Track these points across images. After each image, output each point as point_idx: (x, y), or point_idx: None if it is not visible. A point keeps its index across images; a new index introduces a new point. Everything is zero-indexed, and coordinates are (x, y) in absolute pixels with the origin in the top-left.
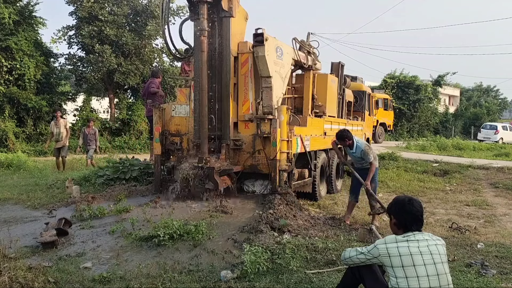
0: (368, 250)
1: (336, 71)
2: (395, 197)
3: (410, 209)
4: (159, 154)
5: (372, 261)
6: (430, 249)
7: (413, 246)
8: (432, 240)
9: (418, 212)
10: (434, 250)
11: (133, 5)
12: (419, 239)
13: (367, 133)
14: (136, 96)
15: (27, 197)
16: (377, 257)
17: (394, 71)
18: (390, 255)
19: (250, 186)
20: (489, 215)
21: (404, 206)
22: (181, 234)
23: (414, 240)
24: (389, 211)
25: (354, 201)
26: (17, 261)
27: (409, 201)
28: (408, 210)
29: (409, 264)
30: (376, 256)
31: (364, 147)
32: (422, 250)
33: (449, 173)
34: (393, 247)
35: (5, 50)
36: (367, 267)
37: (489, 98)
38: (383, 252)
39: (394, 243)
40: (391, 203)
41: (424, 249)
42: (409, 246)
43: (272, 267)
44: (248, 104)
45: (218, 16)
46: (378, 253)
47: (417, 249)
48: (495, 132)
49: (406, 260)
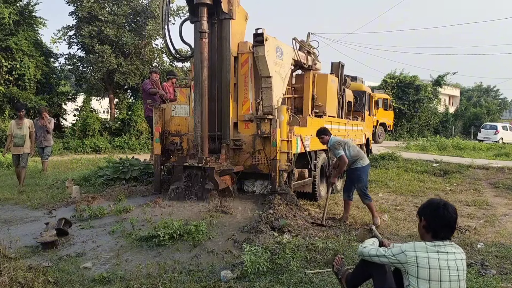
0: (393, 254)
1: (336, 71)
2: (429, 199)
3: (444, 214)
4: (159, 154)
5: (395, 265)
6: (457, 264)
7: (443, 259)
8: (459, 254)
9: (451, 219)
10: (460, 266)
11: (133, 5)
12: (449, 252)
13: (367, 133)
14: (136, 96)
15: (27, 197)
16: (403, 264)
17: (394, 71)
18: (418, 265)
19: (250, 186)
20: (489, 215)
21: (438, 210)
22: (181, 234)
23: (444, 252)
24: (421, 212)
25: (348, 200)
26: (17, 261)
27: (444, 205)
28: (442, 214)
29: (436, 279)
30: (402, 263)
31: (333, 143)
32: (450, 265)
33: (449, 173)
34: (424, 257)
35: (5, 50)
36: (379, 266)
37: (489, 98)
38: (411, 260)
39: (425, 252)
40: (424, 205)
41: (452, 263)
42: (439, 258)
43: (272, 267)
44: (248, 104)
45: (218, 18)
46: (406, 260)
47: (446, 262)
48: (495, 132)
49: (434, 275)
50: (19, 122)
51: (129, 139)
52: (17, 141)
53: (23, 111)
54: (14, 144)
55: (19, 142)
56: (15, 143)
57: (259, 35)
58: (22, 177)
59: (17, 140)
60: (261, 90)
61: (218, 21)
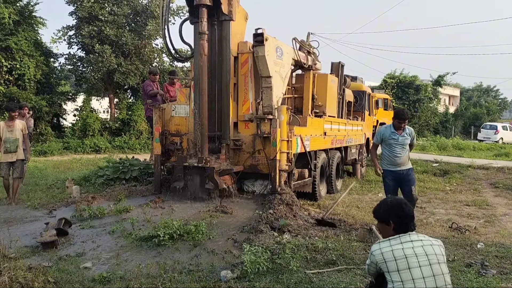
0: (369, 259)
1: (336, 71)
2: (383, 202)
3: (408, 210)
4: (159, 154)
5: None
6: (425, 249)
7: (408, 248)
8: (427, 241)
9: (412, 211)
10: (429, 250)
11: (133, 5)
12: (413, 239)
13: (367, 133)
14: (136, 96)
15: (27, 197)
16: (376, 265)
17: (394, 71)
18: (386, 260)
19: (250, 186)
20: (489, 215)
21: (403, 209)
22: (181, 234)
23: (409, 241)
24: (385, 216)
25: None
26: (17, 261)
27: (404, 203)
28: (407, 212)
29: (404, 267)
30: (375, 263)
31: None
32: (417, 252)
33: (449, 173)
34: (388, 251)
35: (5, 50)
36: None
37: (489, 98)
38: (379, 258)
39: (388, 246)
40: (385, 209)
41: (419, 249)
42: (403, 248)
43: (272, 267)
44: (248, 104)
45: (218, 20)
46: (376, 260)
47: (412, 250)
48: (495, 132)
49: (401, 264)
50: (10, 124)
51: (129, 139)
52: (8, 147)
53: (17, 112)
54: (5, 150)
55: (11, 147)
56: (6, 148)
57: (259, 35)
58: (14, 189)
59: (9, 145)
60: (261, 90)
61: (218, 22)
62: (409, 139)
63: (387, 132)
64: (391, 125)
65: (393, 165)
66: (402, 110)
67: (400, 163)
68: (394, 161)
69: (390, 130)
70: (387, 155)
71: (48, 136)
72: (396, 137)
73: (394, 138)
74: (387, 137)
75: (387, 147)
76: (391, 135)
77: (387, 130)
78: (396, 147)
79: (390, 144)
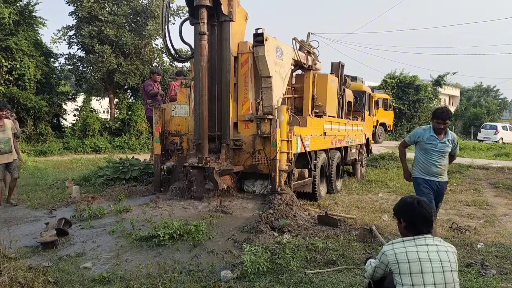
0: (378, 259)
1: (336, 71)
2: (401, 199)
3: (421, 211)
4: (159, 154)
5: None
6: (440, 255)
7: (422, 251)
8: (442, 246)
9: (428, 214)
10: (444, 257)
11: (133, 5)
12: (429, 244)
13: (367, 133)
14: (136, 96)
15: (27, 197)
16: (387, 265)
17: (394, 71)
18: (398, 261)
19: (250, 186)
20: (489, 215)
21: (414, 208)
22: (181, 234)
23: (424, 245)
24: (398, 214)
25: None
26: (17, 261)
27: (418, 203)
28: (419, 212)
29: (417, 271)
30: (386, 264)
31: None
32: (431, 257)
33: (449, 173)
34: (402, 252)
35: (5, 50)
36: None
37: (489, 98)
38: (391, 259)
39: (403, 247)
40: (398, 205)
41: (433, 255)
42: (418, 251)
43: (272, 267)
44: (248, 104)
45: (218, 20)
46: (387, 260)
47: (426, 254)
48: (495, 132)
49: (414, 267)
50: (1, 124)
51: (129, 139)
52: (2, 147)
53: (6, 111)
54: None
55: (5, 147)
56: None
57: (259, 35)
58: (11, 189)
59: (3, 145)
60: (261, 90)
61: (218, 23)
62: (450, 147)
63: (425, 135)
64: (431, 127)
65: (428, 174)
66: (442, 108)
67: (436, 172)
68: (429, 169)
69: (429, 133)
70: (421, 161)
71: (48, 136)
72: (435, 143)
73: (432, 143)
74: (424, 141)
75: (422, 151)
76: (430, 139)
77: (425, 132)
78: (433, 154)
79: (426, 149)
